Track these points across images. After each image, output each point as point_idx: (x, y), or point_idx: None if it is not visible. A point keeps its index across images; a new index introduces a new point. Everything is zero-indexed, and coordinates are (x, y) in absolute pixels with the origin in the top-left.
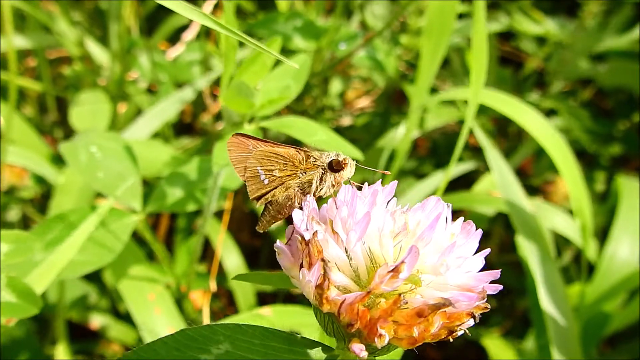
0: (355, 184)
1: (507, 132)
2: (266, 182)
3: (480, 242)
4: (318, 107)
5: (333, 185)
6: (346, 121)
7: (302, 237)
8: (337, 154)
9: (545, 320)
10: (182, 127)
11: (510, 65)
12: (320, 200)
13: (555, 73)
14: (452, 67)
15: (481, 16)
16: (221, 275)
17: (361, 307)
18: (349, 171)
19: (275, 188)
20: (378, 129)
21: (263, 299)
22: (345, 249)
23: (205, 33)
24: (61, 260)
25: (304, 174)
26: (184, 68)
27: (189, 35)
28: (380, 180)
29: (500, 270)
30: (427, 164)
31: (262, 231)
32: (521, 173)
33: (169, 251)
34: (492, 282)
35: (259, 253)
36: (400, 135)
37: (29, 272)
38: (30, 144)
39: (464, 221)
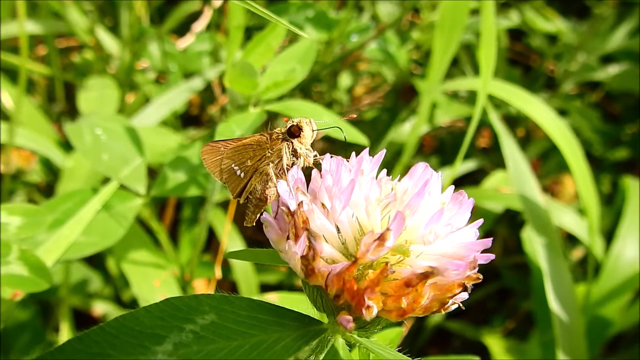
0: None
1: (515, 134)
2: (242, 175)
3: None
4: (326, 101)
5: (297, 154)
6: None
7: (288, 208)
8: (292, 120)
9: (552, 317)
10: (189, 119)
11: (520, 67)
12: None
13: (565, 74)
14: (461, 66)
15: (490, 4)
16: (225, 268)
17: (348, 278)
18: (308, 131)
19: (251, 177)
20: (385, 124)
21: (267, 291)
22: (333, 220)
23: (216, 25)
24: (66, 238)
25: (272, 151)
26: (194, 58)
27: (199, 26)
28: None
29: (492, 238)
30: (433, 162)
31: (250, 225)
32: None
33: (174, 242)
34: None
35: (263, 247)
36: (409, 130)
37: (33, 250)
38: (39, 128)
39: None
